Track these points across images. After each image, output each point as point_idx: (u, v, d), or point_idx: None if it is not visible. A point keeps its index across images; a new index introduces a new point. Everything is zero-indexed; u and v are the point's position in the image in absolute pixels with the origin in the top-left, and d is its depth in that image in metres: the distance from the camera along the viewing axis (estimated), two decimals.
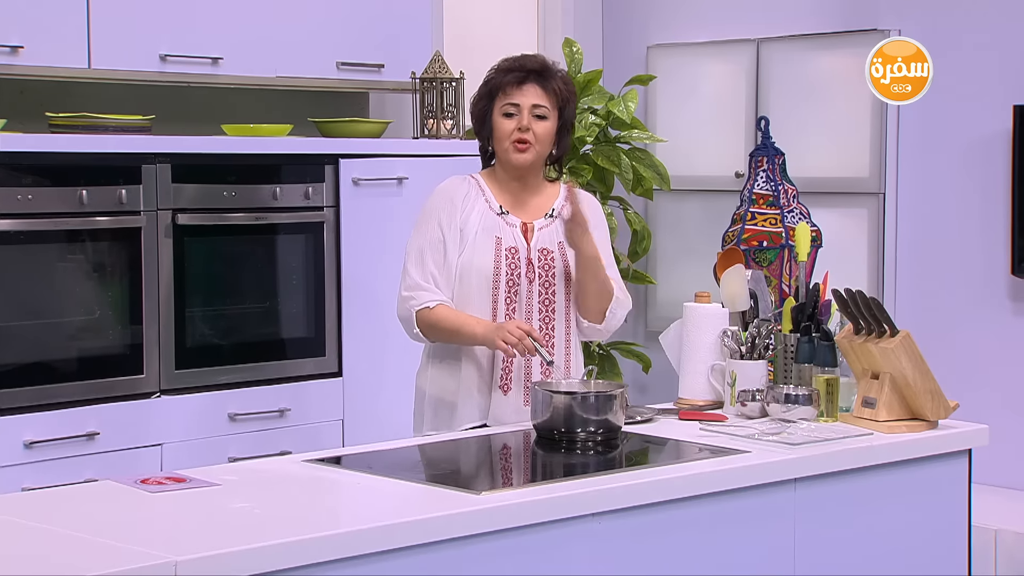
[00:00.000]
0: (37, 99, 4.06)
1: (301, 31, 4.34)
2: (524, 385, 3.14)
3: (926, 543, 3.00)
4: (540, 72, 3.18)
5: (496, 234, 3.16)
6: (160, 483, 2.50)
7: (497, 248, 3.15)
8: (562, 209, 3.20)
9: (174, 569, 2.02)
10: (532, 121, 3.15)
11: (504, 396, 3.14)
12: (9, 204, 3.67)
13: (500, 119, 3.17)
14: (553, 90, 3.17)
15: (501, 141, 3.17)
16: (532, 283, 3.16)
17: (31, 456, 3.69)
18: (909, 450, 2.94)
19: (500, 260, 3.15)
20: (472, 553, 2.35)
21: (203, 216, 4.03)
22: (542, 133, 3.16)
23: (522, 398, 3.13)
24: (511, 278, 3.15)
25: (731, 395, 3.24)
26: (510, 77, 3.17)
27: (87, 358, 3.85)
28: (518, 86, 3.15)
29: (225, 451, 4.05)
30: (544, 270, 3.18)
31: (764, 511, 2.74)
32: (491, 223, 3.17)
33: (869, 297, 3.03)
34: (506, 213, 3.19)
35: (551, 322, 3.18)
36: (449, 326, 3.11)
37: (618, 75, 5.30)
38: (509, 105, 3.16)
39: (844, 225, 4.87)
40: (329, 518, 2.41)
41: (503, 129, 3.16)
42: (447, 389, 3.17)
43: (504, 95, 3.16)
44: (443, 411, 3.18)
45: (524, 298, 3.16)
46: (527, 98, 3.15)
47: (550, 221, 3.22)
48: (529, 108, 3.15)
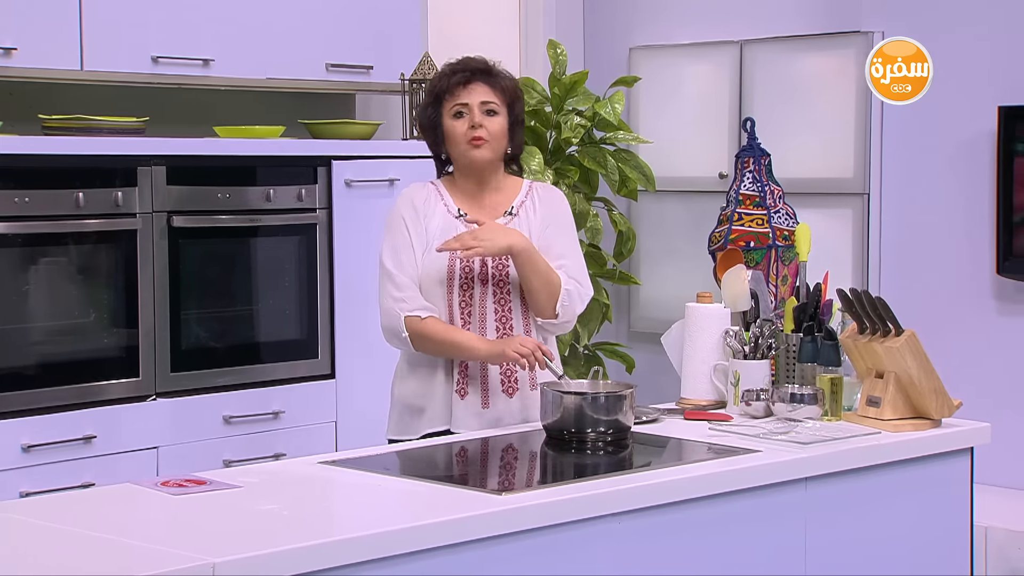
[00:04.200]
0: (29, 101, 4.03)
1: (291, 33, 4.34)
2: (481, 390, 3.10)
3: (931, 540, 3.05)
4: (485, 70, 3.15)
5: (452, 236, 3.11)
6: (181, 485, 2.50)
7: (451, 251, 3.10)
8: (519, 206, 3.17)
9: (212, 570, 2.03)
10: (483, 118, 3.10)
11: (461, 400, 3.10)
12: (5, 207, 3.65)
13: (451, 121, 3.12)
14: (501, 87, 3.14)
15: (456, 143, 3.12)
16: (486, 285, 3.11)
17: (28, 460, 3.67)
18: (915, 448, 2.98)
19: (454, 264, 3.10)
20: (496, 553, 2.36)
21: (197, 218, 4.02)
22: (495, 129, 3.11)
23: (479, 403, 3.10)
24: (465, 281, 3.10)
25: (735, 395, 3.27)
26: (456, 78, 3.12)
27: (83, 361, 3.83)
28: (464, 86, 3.11)
29: (220, 454, 4.04)
30: (498, 271, 3.12)
31: (776, 510, 2.78)
32: (450, 227, 3.12)
33: (875, 297, 3.07)
34: (464, 215, 3.15)
35: (508, 323, 3.13)
36: (445, 340, 3.06)
37: (601, 77, 5.33)
38: (458, 105, 3.11)
39: (829, 225, 4.92)
40: (358, 519, 2.41)
41: (455, 131, 3.11)
42: (416, 394, 3.14)
43: (452, 97, 3.12)
44: (407, 415, 3.14)
45: (478, 301, 3.11)
46: (475, 96, 3.11)
47: (508, 220, 3.17)
48: (478, 105, 3.10)
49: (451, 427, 3.12)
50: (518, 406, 3.14)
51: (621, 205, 5.42)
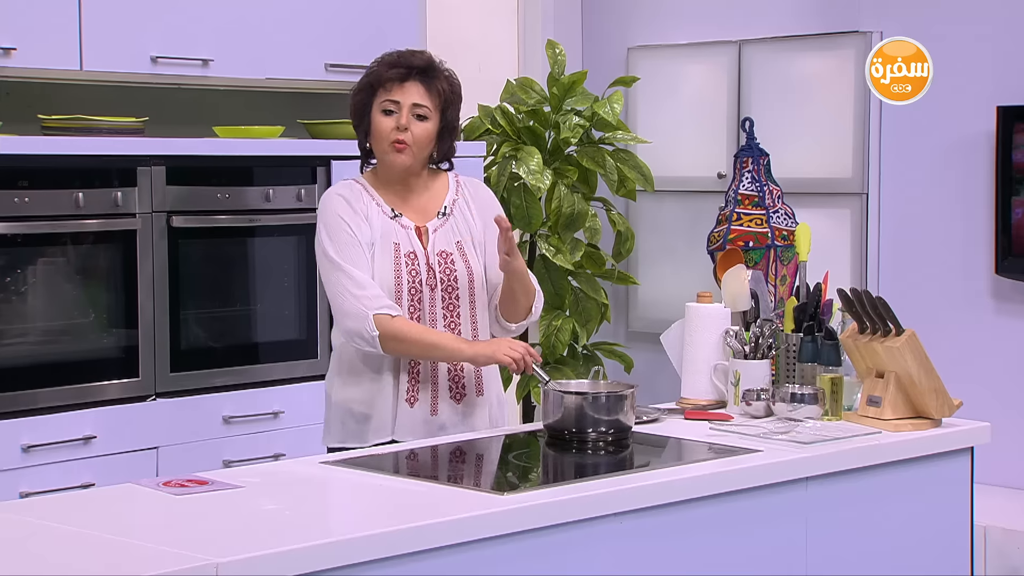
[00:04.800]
0: (28, 101, 4.03)
1: (289, 33, 4.34)
2: (431, 396, 3.03)
3: (931, 540, 3.05)
4: (424, 70, 3.05)
5: (393, 240, 3.03)
6: (183, 485, 2.50)
7: (396, 255, 3.02)
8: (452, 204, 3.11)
9: (215, 570, 2.03)
10: (411, 121, 3.02)
11: (411, 408, 3.02)
12: (5, 207, 3.65)
13: (379, 116, 3.03)
14: (437, 90, 3.05)
15: (379, 141, 3.03)
16: (434, 290, 3.04)
17: (28, 460, 3.67)
18: (916, 448, 2.98)
19: (400, 267, 3.02)
20: (499, 553, 2.36)
21: (197, 218, 4.02)
22: (420, 135, 3.03)
23: (428, 409, 3.03)
24: (412, 286, 3.02)
25: (735, 394, 3.27)
26: (393, 73, 3.03)
27: (83, 361, 3.83)
28: (400, 83, 3.02)
29: (220, 454, 4.04)
30: (445, 275, 3.05)
31: (777, 509, 2.78)
32: (387, 228, 3.04)
33: (876, 296, 3.07)
34: (399, 216, 3.07)
35: (456, 327, 3.06)
36: (421, 341, 2.96)
37: (599, 77, 5.34)
38: (389, 102, 3.02)
39: (827, 225, 4.93)
40: (361, 519, 2.42)
41: (381, 128, 3.02)
42: (354, 400, 3.04)
43: (385, 91, 3.03)
44: (351, 423, 3.05)
45: (427, 306, 3.03)
46: (408, 96, 3.02)
47: (444, 220, 3.10)
48: (409, 107, 3.02)
49: (394, 435, 3.02)
50: (462, 412, 3.07)
51: (619, 205, 5.42)
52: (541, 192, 4.91)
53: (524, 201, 4.95)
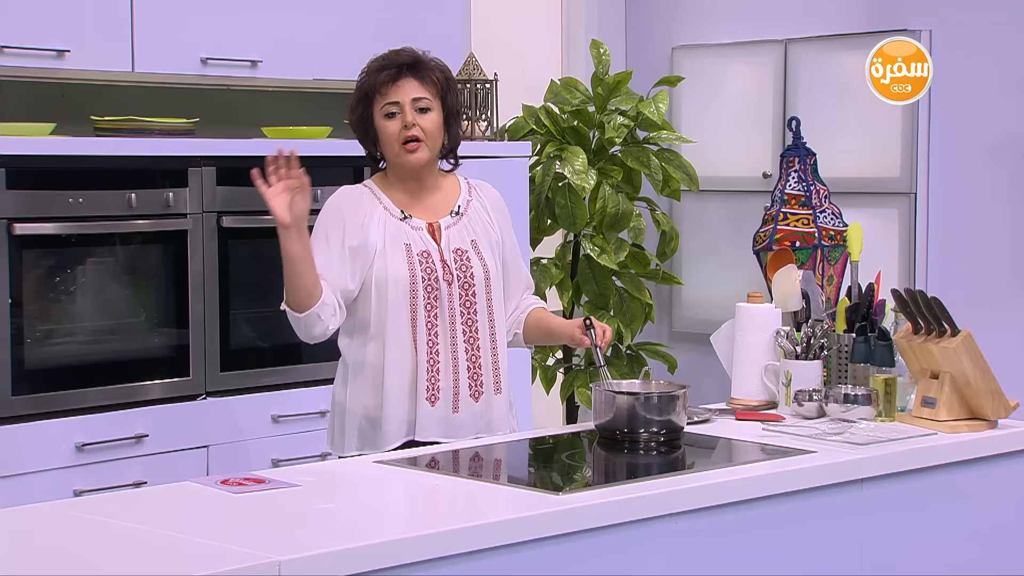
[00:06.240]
0: (81, 103, 4.07)
1: (336, 34, 4.36)
2: (452, 395, 3.02)
3: (987, 542, 3.03)
4: (413, 64, 3.03)
5: (404, 241, 3.02)
6: (241, 484, 2.51)
7: (408, 255, 3.01)
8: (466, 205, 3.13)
9: (278, 569, 2.04)
10: (416, 116, 3.00)
11: (431, 407, 3.00)
12: (60, 207, 3.68)
13: (383, 121, 3.02)
14: (431, 80, 3.03)
15: (390, 145, 3.02)
16: (451, 285, 3.02)
17: (82, 459, 3.70)
18: (973, 449, 2.96)
19: (415, 266, 3.00)
20: (555, 553, 2.36)
21: (246, 218, 4.04)
22: (429, 127, 3.01)
23: (450, 408, 3.02)
24: (429, 283, 3.01)
25: (786, 395, 3.26)
26: (384, 75, 3.02)
27: (134, 360, 3.86)
28: (393, 83, 3.00)
29: (268, 453, 4.06)
30: (461, 271, 3.05)
31: (832, 511, 2.77)
32: (396, 230, 3.03)
33: (930, 297, 3.05)
34: (409, 217, 3.06)
35: (474, 324, 3.05)
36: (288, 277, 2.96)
37: (643, 76, 5.33)
38: (389, 105, 3.01)
39: (874, 225, 4.89)
40: (419, 518, 2.43)
41: (388, 132, 3.01)
42: (370, 405, 3.01)
43: (381, 96, 3.01)
44: (367, 429, 3.02)
45: (445, 302, 3.02)
46: (405, 93, 3.00)
47: (457, 219, 3.09)
48: (410, 103, 3.00)
49: (415, 436, 3.01)
50: (480, 411, 3.06)
51: (664, 205, 5.42)
52: (585, 192, 4.91)
53: (568, 201, 4.95)
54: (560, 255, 5.18)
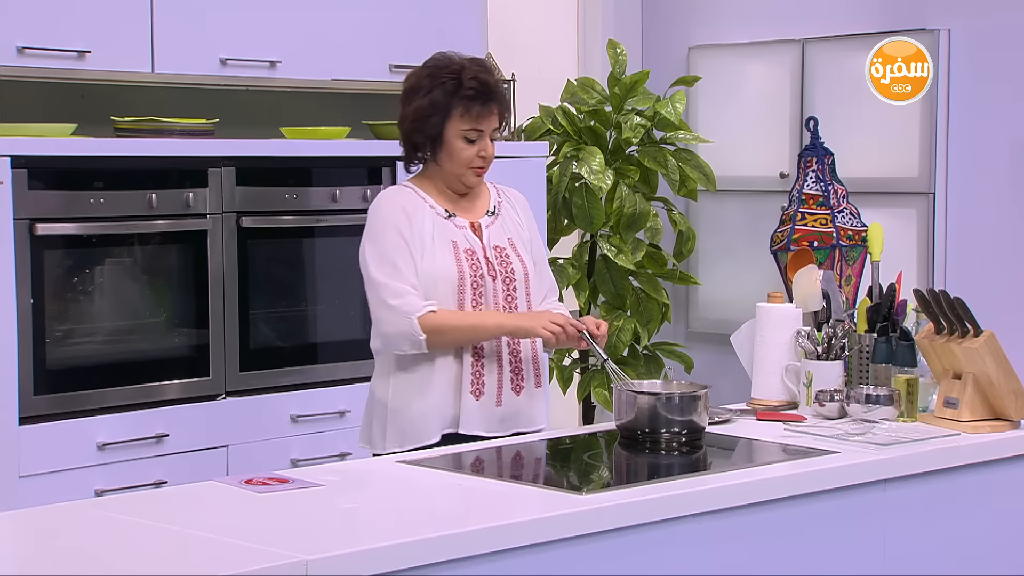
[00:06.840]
0: (101, 103, 4.08)
1: (354, 35, 4.36)
2: (497, 389, 3.07)
3: (1011, 543, 3.02)
4: (500, 94, 3.08)
5: (451, 238, 3.08)
6: (265, 483, 2.52)
7: (456, 251, 3.07)
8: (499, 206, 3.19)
9: (305, 568, 2.05)
10: (489, 146, 3.09)
11: (476, 401, 3.04)
12: (81, 208, 3.70)
13: (460, 142, 3.04)
14: (508, 109, 3.13)
15: (458, 164, 3.07)
16: (495, 280, 3.09)
17: (103, 458, 3.71)
18: (996, 450, 2.96)
19: (462, 263, 3.06)
20: (578, 553, 2.37)
21: (265, 219, 4.05)
22: (493, 153, 3.10)
23: (493, 402, 3.06)
24: (475, 279, 3.07)
25: (807, 395, 3.25)
26: (478, 99, 3.02)
27: (154, 360, 3.87)
28: (482, 106, 3.03)
29: (287, 453, 4.07)
30: (504, 268, 3.12)
31: (855, 511, 2.77)
32: (443, 228, 3.08)
33: (953, 297, 3.04)
34: (453, 216, 3.12)
35: None
36: (464, 325, 3.01)
37: (659, 76, 5.32)
38: (474, 131, 3.04)
39: (893, 225, 4.87)
40: (443, 518, 2.43)
41: (464, 155, 3.05)
42: (413, 400, 3.05)
43: (468, 119, 3.02)
44: (407, 424, 3.05)
45: (490, 297, 3.08)
46: (490, 123, 3.05)
47: (494, 219, 3.17)
48: (491, 133, 3.07)
49: (460, 429, 3.04)
50: (524, 404, 3.11)
51: (680, 205, 5.41)
52: (602, 192, 4.91)
53: (585, 201, 4.95)
54: (577, 255, 5.18)
